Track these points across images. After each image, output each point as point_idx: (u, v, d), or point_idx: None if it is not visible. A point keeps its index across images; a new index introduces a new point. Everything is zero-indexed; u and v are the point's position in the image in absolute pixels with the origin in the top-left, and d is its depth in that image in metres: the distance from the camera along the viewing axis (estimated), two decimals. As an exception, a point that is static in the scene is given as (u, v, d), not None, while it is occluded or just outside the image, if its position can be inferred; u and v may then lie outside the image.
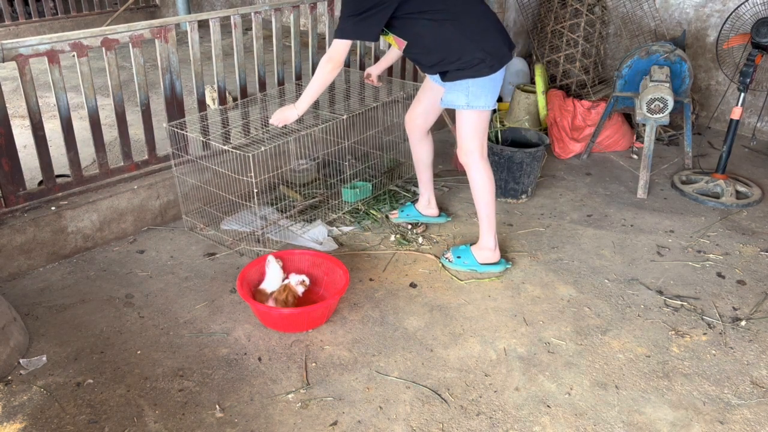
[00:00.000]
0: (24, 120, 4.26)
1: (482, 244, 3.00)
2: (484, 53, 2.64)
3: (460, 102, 2.72)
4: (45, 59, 2.75)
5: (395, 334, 2.58)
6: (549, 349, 2.52)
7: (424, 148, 3.21)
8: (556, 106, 4.34)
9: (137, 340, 2.51)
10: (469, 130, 2.79)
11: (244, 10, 3.33)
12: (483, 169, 2.85)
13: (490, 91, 2.71)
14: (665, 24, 4.79)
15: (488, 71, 2.66)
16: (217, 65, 3.31)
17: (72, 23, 7.05)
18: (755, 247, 3.25)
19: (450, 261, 3.02)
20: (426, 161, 3.26)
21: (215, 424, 2.14)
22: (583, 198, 3.75)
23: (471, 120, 2.76)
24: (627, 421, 2.19)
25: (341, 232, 3.29)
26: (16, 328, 2.43)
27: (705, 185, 3.82)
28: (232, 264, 3.02)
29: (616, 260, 3.12)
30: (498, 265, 3.00)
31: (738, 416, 2.22)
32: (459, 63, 2.65)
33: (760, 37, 3.53)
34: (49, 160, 2.95)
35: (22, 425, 2.11)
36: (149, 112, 3.20)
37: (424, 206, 3.36)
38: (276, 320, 2.57)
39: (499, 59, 2.68)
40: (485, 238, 2.98)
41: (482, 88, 2.69)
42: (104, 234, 3.12)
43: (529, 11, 5.16)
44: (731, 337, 2.60)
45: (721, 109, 4.65)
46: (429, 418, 2.19)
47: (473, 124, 2.77)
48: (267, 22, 3.49)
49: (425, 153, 3.23)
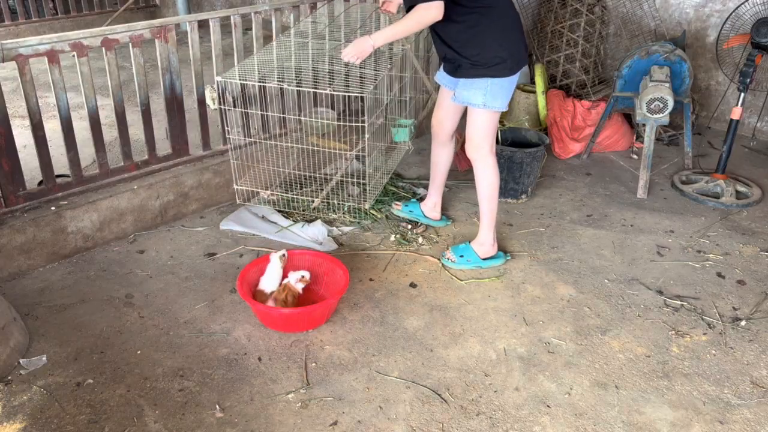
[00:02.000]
0: (24, 120, 4.26)
1: (482, 239, 3.02)
2: (507, 53, 2.66)
3: (476, 100, 2.74)
4: (45, 59, 2.75)
5: (395, 334, 2.58)
6: (549, 349, 2.52)
7: (445, 152, 3.19)
8: (556, 106, 4.34)
9: (137, 340, 2.51)
10: (482, 128, 2.81)
11: (244, 10, 3.33)
12: (491, 165, 2.89)
13: (506, 93, 2.75)
14: (665, 24, 4.79)
15: (508, 72, 2.70)
16: (217, 65, 3.31)
17: (72, 23, 7.05)
18: (755, 247, 3.25)
19: (453, 261, 3.02)
20: (444, 166, 3.25)
21: (215, 424, 2.14)
22: (583, 198, 3.75)
23: (485, 118, 2.79)
24: (627, 421, 2.19)
25: (341, 232, 3.29)
26: (16, 328, 2.43)
27: (705, 185, 3.82)
28: (232, 264, 3.02)
29: (616, 260, 3.12)
30: (498, 258, 3.04)
31: (738, 416, 2.22)
32: (476, 57, 2.66)
33: (760, 37, 3.53)
34: (49, 160, 2.95)
35: (22, 425, 2.11)
36: (149, 112, 3.20)
37: (430, 208, 3.36)
38: (276, 320, 2.57)
39: (518, 62, 2.72)
40: (485, 233, 3.01)
41: (500, 89, 2.72)
42: (104, 234, 3.12)
43: (529, 11, 5.16)
44: (731, 337, 2.60)
45: (721, 109, 4.64)
46: (429, 418, 2.19)
47: (486, 123, 2.80)
48: (267, 22, 3.48)
49: (445, 157, 3.22)
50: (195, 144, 3.45)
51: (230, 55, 3.38)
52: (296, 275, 2.69)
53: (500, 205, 3.60)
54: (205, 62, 3.29)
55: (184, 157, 3.38)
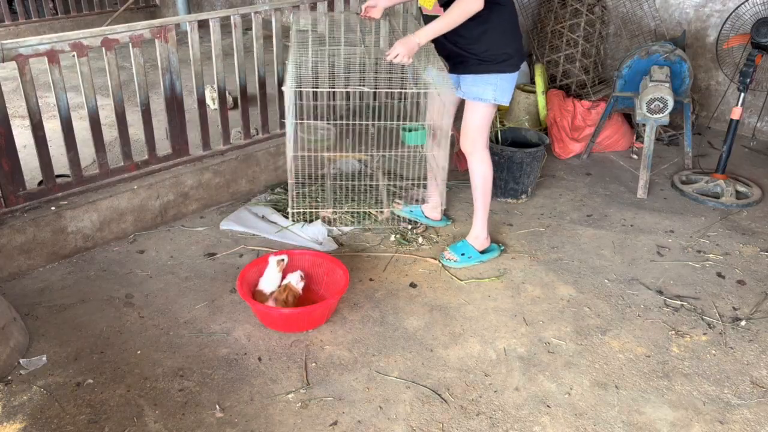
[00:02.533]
0: (24, 120, 4.26)
1: (476, 233, 3.06)
2: (513, 49, 2.72)
3: (487, 96, 2.77)
4: (45, 59, 2.75)
5: (395, 334, 2.58)
6: (549, 349, 2.52)
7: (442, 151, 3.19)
8: (556, 106, 4.34)
9: (137, 340, 2.51)
10: (481, 123, 2.86)
11: (244, 10, 3.33)
12: (486, 160, 2.94)
13: (511, 88, 2.82)
14: (665, 24, 4.79)
15: (513, 69, 2.76)
16: (217, 65, 3.31)
17: (72, 23, 7.05)
18: (755, 247, 3.25)
19: (455, 260, 3.03)
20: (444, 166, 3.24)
21: (215, 424, 2.14)
22: (583, 198, 3.75)
23: (486, 113, 2.84)
24: (627, 421, 2.19)
25: (341, 232, 3.29)
26: (16, 328, 2.43)
27: (705, 185, 3.82)
28: (232, 264, 3.02)
29: (616, 260, 3.12)
30: (493, 250, 3.11)
31: (738, 416, 2.22)
32: (485, 54, 2.69)
33: (760, 37, 3.53)
34: (49, 160, 2.95)
35: (22, 425, 2.11)
36: (149, 112, 3.20)
37: (430, 209, 3.36)
38: (276, 320, 2.57)
39: (521, 58, 2.80)
40: (479, 227, 3.06)
41: (508, 84, 2.78)
42: (104, 234, 3.12)
43: (529, 11, 5.16)
44: (731, 337, 2.60)
45: (721, 109, 4.64)
46: (429, 418, 2.19)
47: (486, 117, 2.85)
48: (267, 22, 3.48)
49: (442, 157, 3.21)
50: (195, 144, 3.45)
51: (230, 55, 3.38)
52: (295, 276, 2.69)
53: (500, 204, 3.61)
54: (205, 62, 3.29)
55: (184, 157, 3.38)
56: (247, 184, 3.60)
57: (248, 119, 3.61)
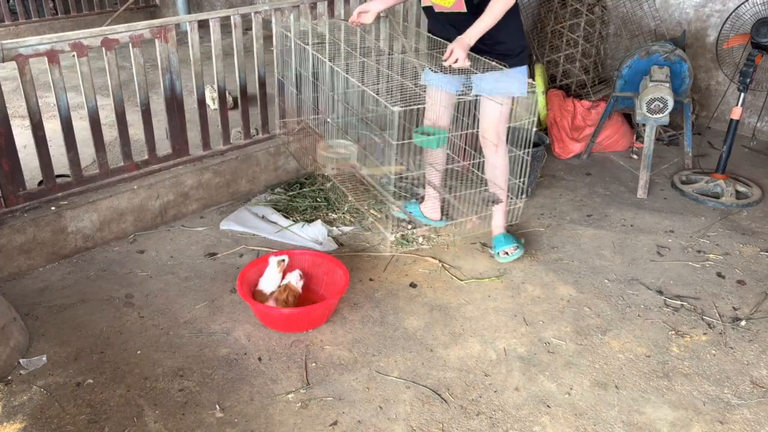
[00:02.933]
0: (24, 120, 4.26)
1: (503, 223, 3.12)
2: (525, 42, 2.80)
3: (522, 89, 2.81)
4: (45, 59, 2.75)
5: (395, 334, 2.58)
6: (549, 349, 2.52)
7: (440, 151, 3.15)
8: (556, 106, 4.34)
9: (137, 340, 2.51)
10: (506, 116, 2.89)
11: (244, 10, 3.33)
12: (507, 153, 2.99)
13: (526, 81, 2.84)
14: (665, 24, 4.79)
15: (528, 61, 2.82)
16: (217, 65, 3.31)
17: (72, 23, 7.05)
18: (755, 247, 3.25)
19: (513, 252, 3.06)
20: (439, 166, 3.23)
21: (215, 424, 2.14)
22: (583, 198, 3.75)
23: (509, 107, 2.87)
24: (627, 421, 2.19)
25: (341, 232, 3.29)
26: (16, 328, 2.43)
27: (705, 185, 3.82)
28: (232, 264, 3.02)
29: (616, 260, 3.12)
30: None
31: (738, 416, 2.22)
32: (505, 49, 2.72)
33: (760, 37, 3.53)
34: (49, 160, 2.95)
35: (22, 425, 2.11)
36: (149, 112, 3.20)
37: (430, 209, 3.35)
38: (276, 320, 2.57)
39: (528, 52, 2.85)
40: (505, 218, 3.11)
41: (525, 76, 2.82)
42: (104, 234, 3.12)
43: (529, 11, 5.16)
44: (731, 337, 2.60)
45: (721, 109, 4.64)
46: (429, 418, 2.19)
47: (508, 111, 2.88)
48: (267, 22, 3.48)
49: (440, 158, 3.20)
50: (195, 144, 3.45)
51: (230, 55, 3.38)
52: (294, 275, 2.69)
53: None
54: (205, 62, 3.28)
55: (184, 157, 3.38)
56: (247, 184, 3.60)
57: (248, 119, 3.61)
